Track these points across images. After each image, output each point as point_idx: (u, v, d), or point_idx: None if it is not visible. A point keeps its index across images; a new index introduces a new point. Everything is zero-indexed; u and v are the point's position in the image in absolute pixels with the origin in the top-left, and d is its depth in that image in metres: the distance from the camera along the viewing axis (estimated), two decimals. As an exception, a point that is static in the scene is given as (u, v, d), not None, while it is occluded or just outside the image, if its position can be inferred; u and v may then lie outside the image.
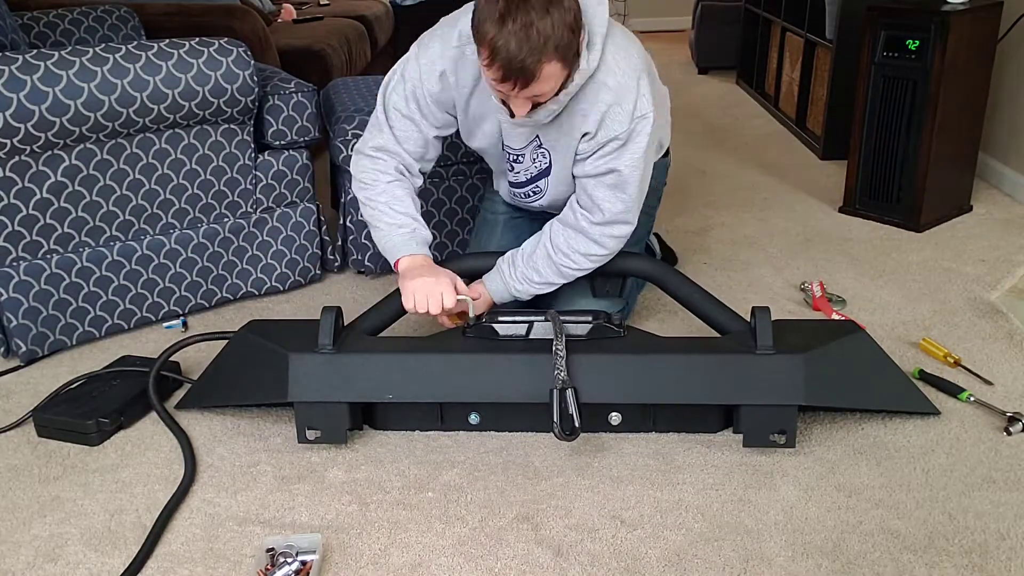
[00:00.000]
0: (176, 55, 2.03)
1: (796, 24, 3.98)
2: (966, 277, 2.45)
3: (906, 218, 2.81)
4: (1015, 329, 2.15)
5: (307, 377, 1.70)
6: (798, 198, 3.13)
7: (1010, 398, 1.87)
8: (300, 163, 2.35)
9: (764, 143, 3.84)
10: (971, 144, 2.86)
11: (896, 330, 2.17)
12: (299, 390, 1.70)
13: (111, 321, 2.19)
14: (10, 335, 2.05)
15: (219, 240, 2.28)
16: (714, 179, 3.37)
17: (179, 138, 2.13)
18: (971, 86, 2.74)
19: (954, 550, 1.46)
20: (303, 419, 1.71)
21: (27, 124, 1.87)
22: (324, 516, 1.58)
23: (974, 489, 1.60)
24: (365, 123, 2.45)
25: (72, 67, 1.91)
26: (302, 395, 1.70)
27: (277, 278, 2.41)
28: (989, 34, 2.74)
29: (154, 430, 1.84)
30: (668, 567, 1.44)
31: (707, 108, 4.47)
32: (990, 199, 3.02)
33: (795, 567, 1.43)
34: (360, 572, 1.45)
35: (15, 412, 1.90)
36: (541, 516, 1.55)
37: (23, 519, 1.60)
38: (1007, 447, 1.72)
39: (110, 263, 2.14)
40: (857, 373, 1.73)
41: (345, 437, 1.72)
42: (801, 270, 2.52)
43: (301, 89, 2.32)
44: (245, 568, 1.46)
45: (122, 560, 1.48)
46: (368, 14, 4.52)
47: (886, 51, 2.72)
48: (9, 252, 1.99)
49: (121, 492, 1.66)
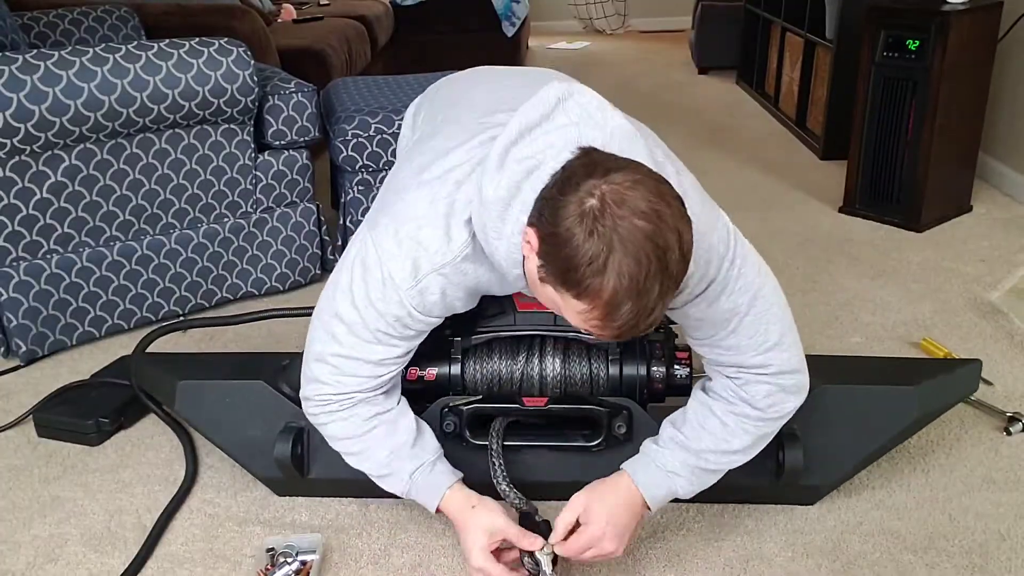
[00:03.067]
0: (176, 55, 2.02)
1: (796, 24, 3.97)
2: (966, 277, 2.45)
3: (906, 218, 2.80)
4: (1015, 329, 2.15)
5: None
6: (798, 198, 3.12)
7: (1010, 398, 1.87)
8: (300, 163, 2.35)
9: (764, 143, 3.84)
10: (971, 144, 2.86)
11: (897, 330, 2.17)
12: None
13: (111, 321, 2.19)
14: (10, 335, 2.05)
15: (219, 240, 2.28)
16: (714, 179, 3.36)
17: (179, 138, 2.13)
18: (971, 86, 2.74)
19: (954, 550, 1.46)
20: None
21: (27, 124, 1.87)
22: (324, 516, 1.58)
23: (974, 489, 1.60)
24: (365, 123, 2.46)
25: (72, 67, 1.91)
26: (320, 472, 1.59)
27: (277, 278, 2.41)
28: (989, 34, 2.74)
29: (154, 430, 1.84)
30: (668, 567, 1.44)
31: (707, 108, 4.46)
32: (990, 199, 3.02)
33: (795, 567, 1.43)
34: (360, 572, 1.45)
35: (15, 412, 1.90)
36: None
37: (23, 519, 1.59)
38: (1007, 447, 1.72)
39: (110, 263, 2.13)
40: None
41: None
42: (801, 270, 2.51)
43: (301, 89, 2.32)
44: (245, 568, 1.46)
45: (122, 560, 1.48)
46: (368, 14, 4.51)
47: (886, 51, 2.72)
48: (9, 252, 1.99)
49: (121, 492, 1.66)
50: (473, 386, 1.56)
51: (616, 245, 1.00)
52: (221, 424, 1.59)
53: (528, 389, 1.55)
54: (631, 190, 1.02)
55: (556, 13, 7.08)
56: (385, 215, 1.26)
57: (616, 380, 1.54)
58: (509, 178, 1.10)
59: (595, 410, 1.49)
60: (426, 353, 1.53)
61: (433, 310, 1.26)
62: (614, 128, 1.13)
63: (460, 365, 1.55)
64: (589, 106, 1.13)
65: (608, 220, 1.01)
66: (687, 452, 1.36)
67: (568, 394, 1.55)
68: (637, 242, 1.01)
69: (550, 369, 1.54)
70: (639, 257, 1.00)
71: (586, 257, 1.01)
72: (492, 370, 1.55)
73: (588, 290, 1.03)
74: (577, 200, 1.02)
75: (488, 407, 1.51)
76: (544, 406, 1.51)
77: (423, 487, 1.40)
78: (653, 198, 1.02)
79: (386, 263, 1.22)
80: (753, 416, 1.34)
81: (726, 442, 1.35)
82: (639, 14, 7.00)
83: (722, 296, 1.26)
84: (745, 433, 1.35)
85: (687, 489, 1.38)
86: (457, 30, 5.10)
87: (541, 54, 6.16)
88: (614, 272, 1.01)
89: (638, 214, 1.01)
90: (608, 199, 1.01)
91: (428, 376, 1.55)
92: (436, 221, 1.20)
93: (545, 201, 1.07)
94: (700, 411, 1.37)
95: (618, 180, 1.03)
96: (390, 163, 2.49)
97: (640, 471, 1.37)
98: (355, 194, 2.53)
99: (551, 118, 1.12)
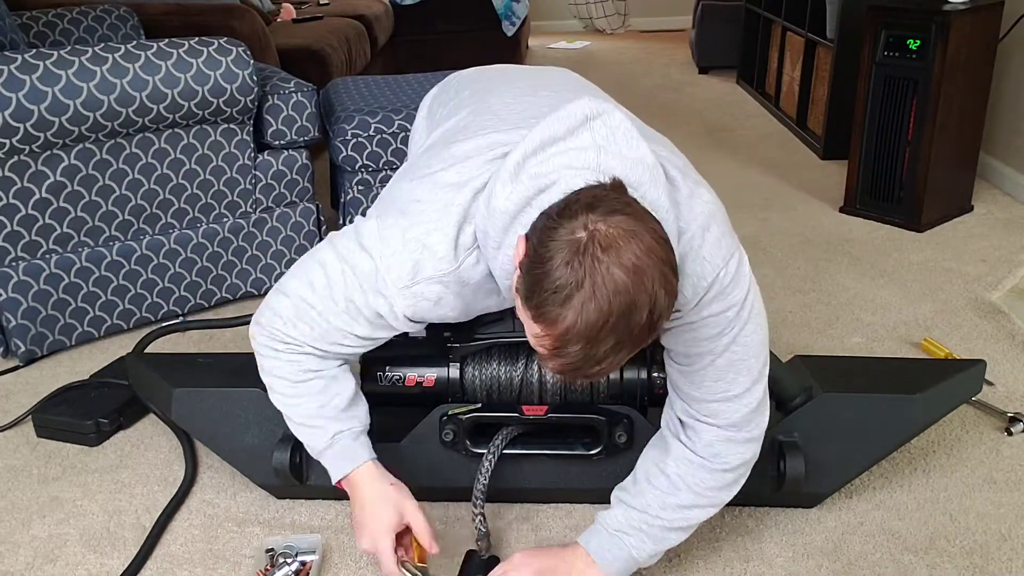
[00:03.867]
0: (175, 55, 2.02)
1: (797, 24, 3.97)
2: (967, 277, 2.45)
3: (907, 218, 2.80)
4: (1016, 329, 2.14)
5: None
6: (798, 198, 3.12)
7: (1011, 398, 1.87)
8: (300, 163, 2.35)
9: (764, 143, 3.83)
10: (972, 144, 2.86)
11: (897, 330, 2.16)
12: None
13: (110, 321, 2.19)
14: (9, 335, 2.05)
15: (218, 240, 2.28)
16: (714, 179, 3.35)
17: (178, 138, 2.12)
18: (972, 86, 2.73)
19: (955, 551, 1.45)
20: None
21: (26, 124, 1.87)
22: (324, 516, 1.58)
23: (975, 490, 1.60)
24: (365, 123, 2.46)
25: (71, 67, 1.91)
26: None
27: (277, 278, 2.40)
28: (990, 34, 2.73)
29: (154, 430, 1.84)
30: (668, 567, 1.44)
31: (707, 108, 4.46)
32: (991, 199, 3.02)
33: (795, 567, 1.43)
34: (360, 572, 1.45)
35: (14, 412, 1.90)
36: (541, 517, 1.55)
37: (22, 519, 1.59)
38: (1008, 447, 1.71)
39: (109, 263, 2.13)
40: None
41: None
42: (801, 270, 2.51)
43: (301, 89, 2.31)
44: (245, 569, 1.46)
45: (121, 561, 1.48)
46: (368, 14, 4.51)
47: (887, 51, 2.72)
48: (8, 252, 1.99)
49: (120, 493, 1.66)
50: (472, 392, 1.54)
51: (587, 285, 0.98)
52: (218, 432, 1.58)
53: (528, 395, 1.53)
54: (623, 239, 0.99)
55: (556, 12, 7.08)
56: (397, 210, 1.23)
57: (617, 385, 1.53)
58: (520, 193, 1.08)
59: (595, 419, 1.48)
60: (425, 358, 1.52)
61: (426, 316, 1.24)
62: (636, 159, 1.09)
63: (459, 370, 1.54)
64: (617, 131, 1.10)
65: (588, 259, 0.98)
66: (632, 509, 1.31)
67: (568, 400, 1.54)
68: (607, 292, 0.98)
69: (550, 374, 1.53)
70: (603, 306, 0.98)
71: (554, 284, 0.99)
72: (491, 375, 1.54)
73: (545, 316, 1.01)
74: (570, 228, 1.00)
75: (487, 416, 1.50)
76: (544, 415, 1.49)
77: (340, 451, 1.36)
78: (641, 254, 0.99)
79: (385, 257, 1.20)
80: (696, 463, 1.29)
81: (672, 495, 1.30)
82: (639, 13, 7.00)
83: (714, 333, 1.22)
84: (688, 490, 1.29)
85: (643, 549, 1.31)
86: (457, 30, 5.10)
87: (541, 54, 6.16)
88: (574, 310, 0.98)
89: (619, 265, 0.98)
90: (597, 239, 0.99)
91: (427, 382, 1.54)
92: (448, 229, 1.18)
93: (544, 218, 1.05)
94: (647, 469, 1.33)
95: (615, 223, 1.00)
96: (390, 163, 2.49)
97: (590, 539, 1.33)
98: (355, 194, 2.52)
99: (576, 134, 1.10)
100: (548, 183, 1.07)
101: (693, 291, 1.18)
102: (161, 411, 1.80)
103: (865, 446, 1.51)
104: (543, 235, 1.02)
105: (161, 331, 1.88)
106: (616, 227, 1.00)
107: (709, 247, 1.17)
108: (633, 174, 1.08)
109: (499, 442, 1.47)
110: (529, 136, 1.11)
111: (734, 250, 1.20)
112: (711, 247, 1.17)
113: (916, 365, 1.78)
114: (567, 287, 0.99)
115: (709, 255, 1.17)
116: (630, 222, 1.01)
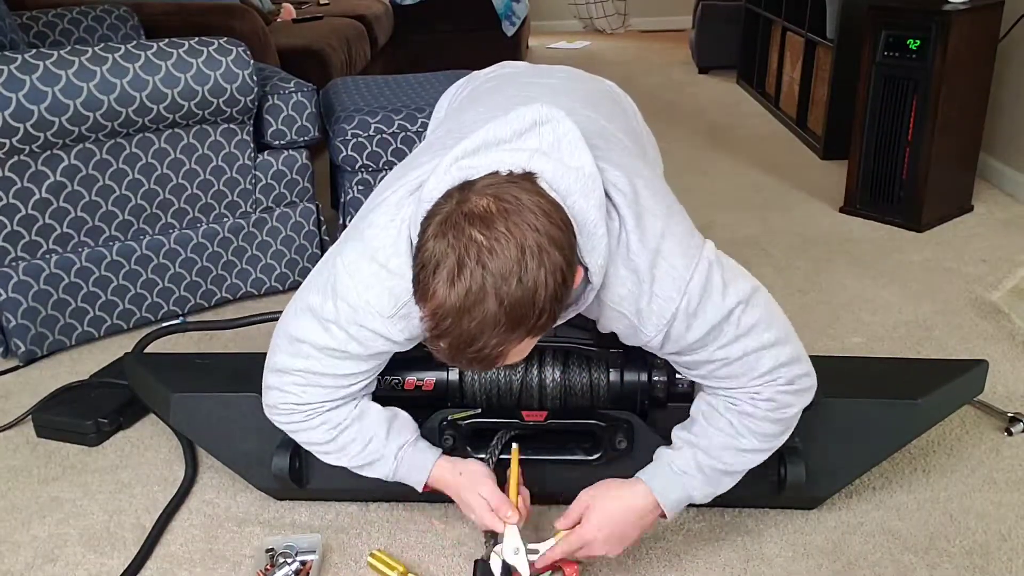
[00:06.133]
0: (175, 55, 2.02)
1: (797, 24, 3.97)
2: (967, 277, 2.45)
3: (907, 218, 2.80)
4: (1016, 329, 2.14)
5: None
6: (799, 198, 3.12)
7: (1011, 399, 1.87)
8: (300, 163, 2.35)
9: (764, 143, 3.83)
10: (972, 144, 2.86)
11: (897, 330, 2.16)
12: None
13: (110, 321, 2.19)
14: (9, 335, 2.05)
15: (218, 240, 2.28)
16: (714, 179, 3.36)
17: (178, 138, 2.12)
18: (972, 86, 2.73)
19: (955, 551, 1.45)
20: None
21: (26, 124, 1.87)
22: (324, 516, 1.58)
23: (975, 490, 1.60)
24: (364, 123, 2.46)
25: (71, 67, 1.91)
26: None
27: (277, 278, 2.41)
28: (990, 34, 2.73)
29: (154, 430, 1.84)
30: (668, 567, 1.44)
31: (707, 108, 4.46)
32: (991, 199, 3.02)
33: (795, 567, 1.43)
34: (360, 572, 1.45)
35: (14, 412, 1.90)
36: (541, 517, 1.55)
37: (22, 520, 1.59)
38: (1008, 448, 1.71)
39: (109, 263, 2.13)
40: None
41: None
42: (801, 270, 2.51)
43: (301, 89, 2.31)
44: (245, 569, 1.46)
45: (121, 561, 1.48)
46: (368, 14, 4.51)
47: (887, 51, 2.72)
48: (8, 252, 1.99)
49: (120, 493, 1.66)
50: (472, 395, 1.53)
51: (451, 257, 0.97)
52: (217, 437, 1.58)
53: (528, 398, 1.52)
54: (499, 212, 0.98)
55: (556, 12, 7.08)
56: (355, 240, 1.23)
57: (617, 388, 1.52)
58: (448, 183, 1.07)
59: (595, 424, 1.48)
60: (424, 361, 1.52)
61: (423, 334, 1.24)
62: (574, 168, 1.08)
63: (459, 373, 1.53)
64: (564, 138, 1.09)
65: (454, 231, 0.98)
66: (698, 450, 1.31)
67: (568, 404, 1.53)
68: (471, 263, 0.96)
69: (550, 378, 1.52)
70: (468, 276, 0.97)
71: (424, 258, 0.99)
72: (491, 379, 1.53)
73: (421, 295, 1.01)
74: (447, 204, 1.01)
75: (487, 422, 1.49)
76: (544, 421, 1.48)
77: (409, 467, 1.39)
78: (515, 227, 0.97)
79: (362, 292, 1.20)
80: (758, 416, 1.28)
81: (735, 440, 1.30)
82: (639, 13, 7.00)
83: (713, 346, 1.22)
84: (751, 434, 1.29)
85: (702, 490, 1.32)
86: (457, 30, 5.10)
87: (541, 54, 6.16)
88: (442, 282, 0.98)
89: (487, 236, 0.97)
90: (465, 210, 0.98)
91: (426, 385, 1.54)
92: (401, 246, 1.17)
93: (440, 199, 1.05)
94: (706, 411, 1.34)
95: (494, 196, 0.99)
96: (390, 163, 2.49)
97: (654, 477, 1.33)
98: (355, 194, 2.52)
99: (522, 138, 1.09)
100: (472, 175, 1.06)
101: (656, 328, 1.18)
102: (160, 414, 1.80)
103: (867, 450, 1.51)
104: (428, 214, 1.03)
105: (160, 332, 1.89)
106: (494, 201, 0.99)
107: (661, 283, 1.16)
108: (564, 182, 1.07)
109: (498, 446, 1.46)
110: (474, 135, 1.11)
111: (692, 270, 1.16)
112: (663, 283, 1.16)
113: (917, 366, 1.78)
114: (433, 260, 0.98)
115: (661, 290, 1.16)
116: (512, 197, 0.99)
